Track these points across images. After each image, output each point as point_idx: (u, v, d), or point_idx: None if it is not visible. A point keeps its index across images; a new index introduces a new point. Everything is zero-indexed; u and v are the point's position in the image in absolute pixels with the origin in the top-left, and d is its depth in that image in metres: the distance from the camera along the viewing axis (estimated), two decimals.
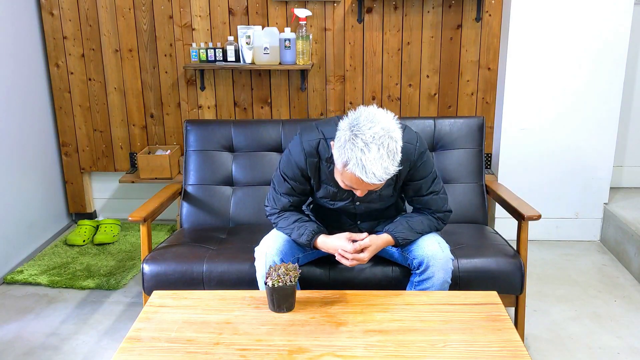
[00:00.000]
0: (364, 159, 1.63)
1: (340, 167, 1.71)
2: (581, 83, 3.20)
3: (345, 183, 1.75)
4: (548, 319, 2.61)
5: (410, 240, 1.96)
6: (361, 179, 1.65)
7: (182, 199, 2.64)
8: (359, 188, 1.74)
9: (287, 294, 1.72)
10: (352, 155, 1.64)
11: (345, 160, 1.66)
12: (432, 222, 2.01)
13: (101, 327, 2.56)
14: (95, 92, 3.51)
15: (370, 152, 1.62)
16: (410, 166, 1.90)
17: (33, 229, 3.31)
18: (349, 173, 1.68)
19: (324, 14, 3.32)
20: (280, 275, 1.70)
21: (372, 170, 1.63)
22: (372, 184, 1.68)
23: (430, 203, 1.99)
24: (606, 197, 3.37)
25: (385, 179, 1.66)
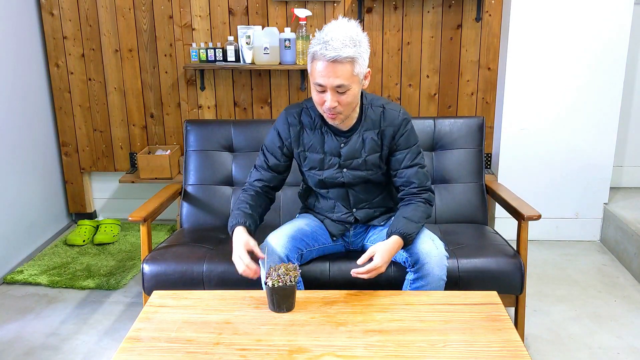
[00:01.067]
0: (325, 32, 1.78)
1: (309, 67, 1.83)
2: (581, 83, 3.20)
3: (317, 87, 1.82)
4: (548, 319, 2.61)
5: (414, 233, 1.92)
6: (323, 56, 1.75)
7: (182, 199, 2.64)
8: (322, 79, 1.79)
9: (287, 294, 1.72)
10: (316, 42, 1.79)
11: (311, 52, 1.80)
12: (421, 206, 1.98)
13: (101, 327, 2.56)
14: (95, 92, 3.51)
15: (332, 29, 1.78)
16: (394, 131, 1.98)
17: (33, 229, 3.31)
18: (316, 62, 1.79)
19: (324, 14, 3.32)
20: (280, 276, 1.70)
21: (332, 38, 1.75)
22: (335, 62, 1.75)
23: (413, 176, 1.99)
24: (606, 197, 3.37)
25: (345, 52, 1.74)
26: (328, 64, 1.76)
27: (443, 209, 2.56)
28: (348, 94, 1.83)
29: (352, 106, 1.89)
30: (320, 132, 2.01)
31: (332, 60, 1.75)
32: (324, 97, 1.83)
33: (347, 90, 1.81)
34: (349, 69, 1.78)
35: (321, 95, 1.84)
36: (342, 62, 1.76)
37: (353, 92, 1.84)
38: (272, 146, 2.06)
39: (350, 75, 1.80)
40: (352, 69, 1.79)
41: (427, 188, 2.01)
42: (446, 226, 2.49)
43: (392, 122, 1.98)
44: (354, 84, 1.82)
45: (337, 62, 1.76)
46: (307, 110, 2.02)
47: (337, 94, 1.82)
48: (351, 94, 1.83)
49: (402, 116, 1.99)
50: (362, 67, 1.82)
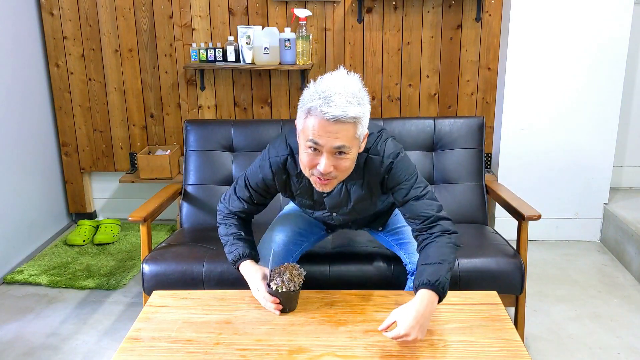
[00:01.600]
0: (325, 86, 1.55)
1: (301, 122, 1.58)
2: (581, 83, 3.20)
3: (310, 147, 1.57)
4: (548, 319, 2.61)
5: (443, 276, 1.61)
6: (324, 114, 1.51)
7: (182, 199, 2.64)
8: (320, 138, 1.54)
9: (291, 298, 1.71)
10: (314, 96, 1.54)
11: (307, 106, 1.56)
12: (439, 241, 1.70)
13: (101, 327, 2.56)
14: (95, 92, 3.51)
15: (332, 84, 1.55)
16: (381, 179, 1.77)
17: (33, 229, 3.31)
18: (312, 119, 1.54)
19: (324, 14, 3.32)
20: (285, 282, 1.68)
21: (334, 93, 1.52)
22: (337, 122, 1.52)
23: (415, 210, 1.73)
24: (606, 197, 3.37)
25: (350, 111, 1.51)
26: (328, 123, 1.52)
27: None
28: (347, 158, 1.59)
29: (349, 172, 1.66)
30: (307, 181, 1.78)
31: (333, 120, 1.51)
32: (316, 159, 1.58)
33: (346, 154, 1.58)
34: (351, 130, 1.55)
35: (313, 157, 1.59)
36: (344, 122, 1.53)
37: (352, 156, 1.61)
38: (257, 187, 1.87)
39: (352, 137, 1.56)
40: (355, 130, 1.56)
41: (435, 218, 1.72)
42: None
43: (376, 171, 1.75)
44: (354, 147, 1.59)
45: (339, 121, 1.52)
46: (293, 158, 1.78)
47: (333, 157, 1.57)
48: (350, 158, 1.61)
49: (386, 162, 1.73)
50: (364, 128, 1.60)
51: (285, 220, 2.10)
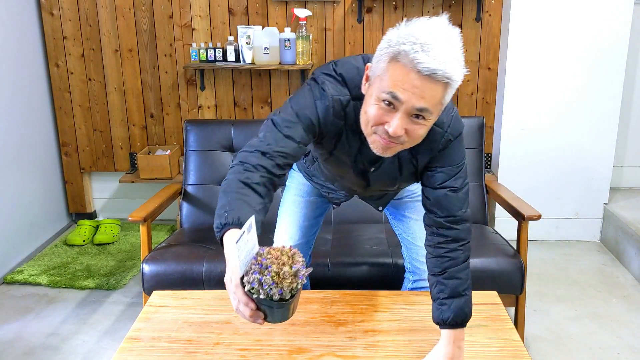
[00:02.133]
0: (421, 32, 1.23)
1: (382, 67, 1.26)
2: (581, 83, 3.20)
3: (383, 99, 1.26)
4: (548, 319, 2.61)
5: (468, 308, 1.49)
6: (416, 63, 1.20)
7: (182, 199, 2.64)
8: (403, 92, 1.23)
9: (275, 308, 1.15)
10: (407, 39, 1.22)
11: (395, 49, 1.23)
12: (457, 257, 1.51)
13: (101, 327, 2.56)
14: (95, 92, 3.51)
15: (430, 30, 1.25)
16: (432, 153, 1.49)
17: (33, 229, 3.31)
18: (398, 66, 1.23)
19: (324, 14, 3.32)
20: (264, 284, 1.11)
21: (432, 42, 1.21)
22: (429, 78, 1.21)
23: (442, 200, 1.50)
24: (606, 197, 3.37)
25: (449, 68, 1.22)
26: (418, 76, 1.21)
27: None
28: (423, 125, 1.29)
29: (418, 142, 1.35)
30: (359, 140, 1.45)
31: (428, 74, 1.21)
32: (387, 117, 1.27)
33: (425, 119, 1.27)
34: (440, 93, 1.25)
35: (383, 113, 1.27)
36: (436, 81, 1.22)
37: (429, 124, 1.30)
38: (309, 125, 1.41)
39: (438, 102, 1.26)
40: (444, 94, 1.26)
41: (458, 220, 1.51)
42: None
43: (432, 145, 1.46)
44: (434, 115, 1.29)
45: (431, 78, 1.21)
46: (355, 104, 1.41)
47: (409, 119, 1.26)
48: (427, 125, 1.30)
49: (446, 137, 1.47)
50: (450, 96, 1.30)
51: (291, 217, 1.91)
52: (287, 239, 1.88)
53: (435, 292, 1.51)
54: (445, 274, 1.49)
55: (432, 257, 1.53)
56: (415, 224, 1.87)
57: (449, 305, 1.46)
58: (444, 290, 1.48)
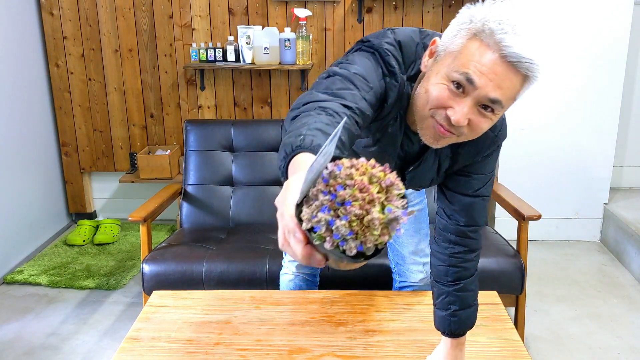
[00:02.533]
0: (510, 13, 1.05)
1: (459, 42, 1.07)
2: (581, 83, 3.20)
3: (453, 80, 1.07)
4: (548, 319, 2.61)
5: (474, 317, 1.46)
6: (503, 46, 1.02)
7: (182, 199, 2.64)
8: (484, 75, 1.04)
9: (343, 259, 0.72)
10: (493, 17, 1.04)
11: (478, 25, 1.05)
12: (472, 270, 1.43)
13: (101, 327, 2.56)
14: (95, 92, 3.51)
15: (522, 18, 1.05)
16: (474, 160, 1.34)
17: (33, 229, 3.31)
18: (478, 47, 1.05)
19: (324, 14, 3.32)
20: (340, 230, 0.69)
21: (522, 26, 1.03)
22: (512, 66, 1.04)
23: (468, 208, 1.38)
24: (606, 197, 3.37)
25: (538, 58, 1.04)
26: (502, 62, 1.04)
27: None
28: (490, 119, 1.11)
29: (475, 137, 1.16)
30: (400, 128, 1.25)
31: (511, 61, 1.03)
32: (451, 101, 1.08)
33: (493, 113, 1.10)
34: (517, 87, 1.07)
35: (449, 97, 1.08)
36: (518, 72, 1.05)
37: (495, 119, 1.12)
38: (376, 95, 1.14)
39: (512, 96, 1.09)
40: (521, 89, 1.09)
41: (479, 229, 1.42)
42: None
43: (480, 148, 1.31)
44: (503, 110, 1.12)
45: (514, 67, 1.04)
46: (406, 85, 1.19)
47: (476, 109, 1.09)
48: (492, 121, 1.12)
49: (495, 143, 1.33)
50: (525, 91, 1.11)
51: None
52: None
53: (444, 302, 1.43)
54: (459, 285, 1.42)
55: (445, 266, 1.43)
56: (406, 232, 1.81)
57: (459, 317, 1.42)
58: (456, 302, 1.42)
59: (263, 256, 2.24)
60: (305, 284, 1.93)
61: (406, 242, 1.86)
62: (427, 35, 1.22)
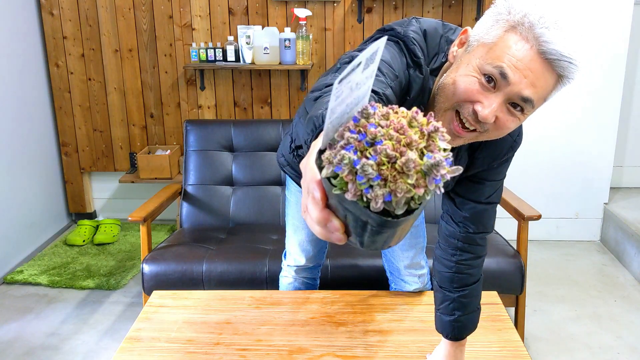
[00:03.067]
0: (556, 16, 0.98)
1: (495, 34, 1.01)
2: (581, 83, 3.19)
3: (485, 73, 1.01)
4: (548, 319, 2.61)
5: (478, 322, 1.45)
6: (543, 41, 0.97)
7: (182, 199, 2.64)
8: (519, 70, 0.98)
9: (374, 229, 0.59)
10: (534, 10, 0.99)
11: (517, 18, 0.99)
12: (477, 275, 1.42)
13: (101, 327, 2.56)
14: (95, 92, 3.51)
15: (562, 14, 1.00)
16: (493, 159, 1.29)
17: (33, 229, 3.31)
18: (516, 40, 0.98)
19: (324, 14, 3.32)
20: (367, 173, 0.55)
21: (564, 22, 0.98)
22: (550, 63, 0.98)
23: (479, 215, 1.35)
24: (606, 197, 3.37)
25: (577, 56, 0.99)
26: (539, 59, 0.98)
27: None
28: (517, 119, 1.05)
29: (500, 136, 1.10)
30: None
31: (548, 58, 0.98)
32: (480, 95, 1.02)
33: (522, 113, 1.04)
34: (551, 85, 1.02)
35: (477, 90, 1.02)
36: (554, 70, 0.99)
37: (523, 119, 1.07)
38: (400, 84, 1.07)
39: (544, 96, 1.03)
40: (554, 88, 1.03)
41: (486, 235, 1.42)
42: None
43: (498, 150, 1.27)
44: (533, 111, 1.05)
45: (552, 65, 0.99)
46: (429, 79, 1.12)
47: (505, 107, 1.03)
48: (520, 121, 1.06)
49: (514, 147, 1.30)
50: (557, 93, 1.06)
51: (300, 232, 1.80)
52: (300, 235, 1.79)
53: (449, 308, 1.41)
54: (464, 292, 1.39)
55: (451, 273, 1.40)
56: (401, 246, 1.82)
57: (463, 322, 1.40)
58: (460, 308, 1.40)
59: (263, 256, 2.24)
60: (304, 287, 1.93)
61: (401, 256, 1.83)
62: (450, 29, 1.17)
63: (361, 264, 2.20)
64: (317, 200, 0.61)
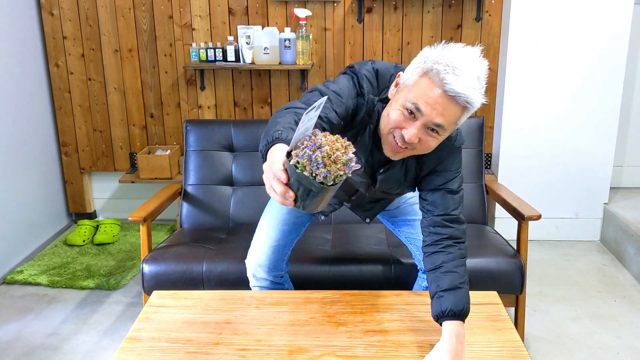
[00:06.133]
0: (455, 56, 1.37)
1: (413, 78, 1.40)
2: (581, 83, 3.20)
3: (406, 109, 1.40)
4: (548, 319, 2.61)
5: (467, 303, 1.53)
6: (445, 84, 1.34)
7: (182, 199, 2.64)
8: (426, 106, 1.36)
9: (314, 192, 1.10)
10: (441, 60, 1.37)
11: (429, 66, 1.37)
12: (455, 254, 1.58)
13: (101, 327, 2.56)
14: (95, 92, 3.51)
15: (463, 57, 1.38)
16: (437, 162, 1.63)
17: (33, 229, 3.31)
18: (428, 82, 1.36)
19: (324, 14, 3.32)
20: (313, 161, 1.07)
21: (463, 68, 1.35)
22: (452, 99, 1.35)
23: (439, 200, 1.62)
24: (606, 197, 3.37)
25: (472, 95, 1.35)
26: (444, 95, 1.36)
27: None
28: (436, 138, 1.44)
29: (427, 152, 1.50)
30: (373, 141, 1.57)
31: (450, 95, 1.35)
32: (406, 123, 1.41)
33: (438, 134, 1.42)
34: (457, 115, 1.40)
35: (403, 120, 1.41)
36: (457, 104, 1.37)
37: (441, 139, 1.45)
38: (348, 108, 1.49)
39: (454, 122, 1.41)
40: (461, 116, 1.41)
41: (453, 218, 1.62)
42: None
43: (439, 153, 1.59)
44: (447, 132, 1.44)
45: (454, 100, 1.36)
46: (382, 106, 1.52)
47: (425, 130, 1.41)
48: (439, 140, 1.45)
49: (452, 149, 1.63)
50: (465, 119, 1.44)
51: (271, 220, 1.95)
52: (264, 238, 1.92)
53: (433, 288, 1.56)
54: (442, 268, 1.56)
55: (429, 255, 1.61)
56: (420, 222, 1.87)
57: (446, 297, 1.51)
58: (441, 284, 1.54)
59: None
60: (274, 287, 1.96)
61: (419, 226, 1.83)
62: (402, 69, 1.50)
63: (362, 263, 2.20)
64: (281, 181, 1.10)
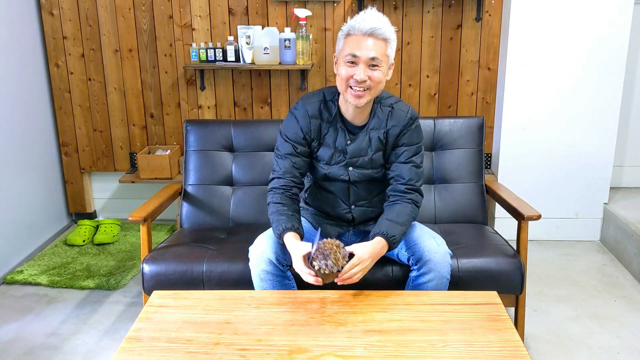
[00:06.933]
0: (361, 15, 1.87)
1: (341, 44, 1.90)
2: (581, 83, 3.20)
3: (348, 60, 1.86)
4: (548, 319, 2.61)
5: (399, 236, 1.89)
6: (361, 27, 1.83)
7: (182, 199, 2.64)
8: (358, 50, 1.84)
9: (332, 277, 1.80)
10: (352, 22, 1.87)
11: (346, 29, 1.88)
12: (407, 207, 1.96)
13: (101, 327, 2.56)
14: (95, 92, 3.51)
15: (367, 14, 1.87)
16: (400, 131, 2.00)
17: (33, 229, 3.31)
18: (351, 37, 1.86)
19: (324, 14, 3.32)
20: (328, 265, 1.74)
21: (369, 17, 1.85)
22: (371, 36, 1.83)
23: (405, 172, 1.99)
24: (606, 197, 3.37)
25: (382, 25, 1.84)
26: (364, 37, 1.83)
27: (443, 208, 2.56)
28: (379, 70, 1.86)
29: (380, 87, 1.92)
30: (335, 127, 2.01)
31: (369, 34, 1.83)
32: (353, 71, 1.86)
33: (378, 66, 1.86)
34: (383, 46, 1.86)
35: (350, 69, 1.86)
36: (377, 38, 1.84)
37: (383, 71, 1.88)
38: (295, 137, 2.01)
39: (383, 53, 1.86)
40: (386, 48, 1.87)
41: (415, 188, 2.00)
42: (446, 226, 2.49)
43: (399, 122, 2.00)
44: (384, 64, 1.87)
45: (373, 36, 1.83)
46: (326, 103, 2.02)
47: (368, 68, 1.85)
48: (382, 71, 1.88)
49: (409, 115, 2.01)
50: (392, 52, 1.90)
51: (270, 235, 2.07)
52: (269, 232, 2.01)
53: (382, 215, 1.97)
54: (395, 206, 1.96)
55: (389, 205, 1.99)
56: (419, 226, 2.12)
57: (387, 224, 1.90)
58: (389, 214, 1.94)
59: None
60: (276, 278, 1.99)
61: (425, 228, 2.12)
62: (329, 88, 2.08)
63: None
64: (312, 275, 1.77)
